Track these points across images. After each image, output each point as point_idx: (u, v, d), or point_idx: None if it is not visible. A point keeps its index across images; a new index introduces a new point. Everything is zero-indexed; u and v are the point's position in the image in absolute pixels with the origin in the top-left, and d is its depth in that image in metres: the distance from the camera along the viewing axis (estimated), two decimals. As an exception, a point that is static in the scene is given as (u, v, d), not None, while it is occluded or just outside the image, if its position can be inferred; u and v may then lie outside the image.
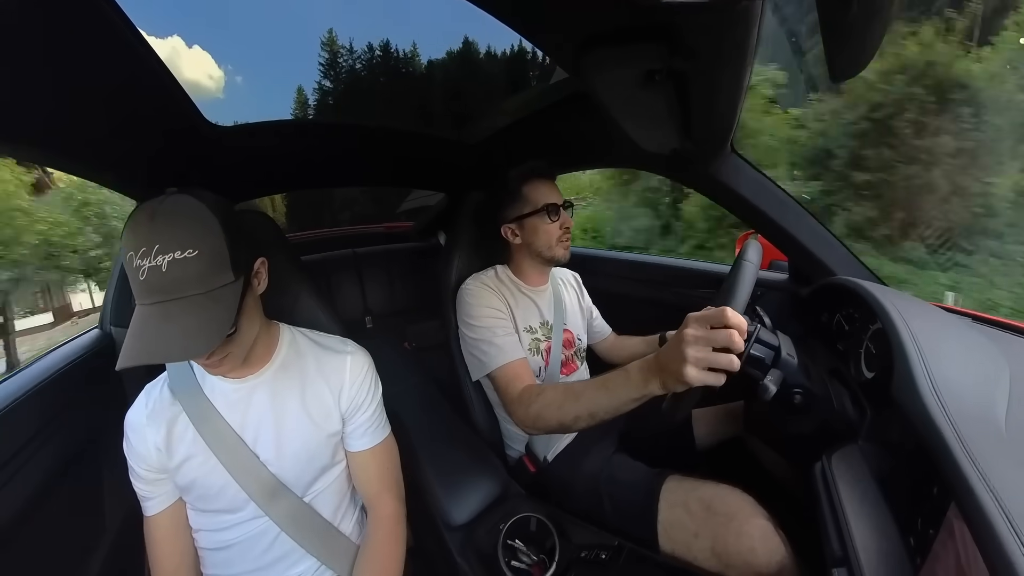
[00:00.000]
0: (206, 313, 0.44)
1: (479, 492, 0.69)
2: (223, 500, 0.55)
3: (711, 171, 0.85)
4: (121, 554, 0.71)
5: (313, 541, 0.59)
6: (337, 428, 0.62)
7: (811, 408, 0.64)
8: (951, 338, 0.56)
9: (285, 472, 0.57)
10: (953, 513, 0.35)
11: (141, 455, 0.54)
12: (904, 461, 0.47)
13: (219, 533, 0.57)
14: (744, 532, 0.57)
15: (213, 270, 0.45)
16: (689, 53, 0.48)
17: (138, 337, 0.42)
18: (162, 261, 0.42)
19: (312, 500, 0.61)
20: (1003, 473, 0.34)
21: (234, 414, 0.56)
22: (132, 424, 0.55)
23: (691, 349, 0.47)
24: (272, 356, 0.59)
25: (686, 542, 0.62)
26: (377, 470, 0.65)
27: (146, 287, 0.43)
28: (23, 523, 0.56)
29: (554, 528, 0.60)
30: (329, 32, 23.27)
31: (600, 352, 1.08)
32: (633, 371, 0.55)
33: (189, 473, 0.54)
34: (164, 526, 0.56)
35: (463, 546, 0.63)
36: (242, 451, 0.55)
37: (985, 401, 0.43)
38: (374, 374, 0.67)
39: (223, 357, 0.49)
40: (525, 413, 0.68)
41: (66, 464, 0.65)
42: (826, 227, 0.87)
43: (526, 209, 0.84)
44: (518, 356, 0.77)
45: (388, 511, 0.64)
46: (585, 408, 0.60)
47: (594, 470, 0.78)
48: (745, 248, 0.65)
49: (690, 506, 0.63)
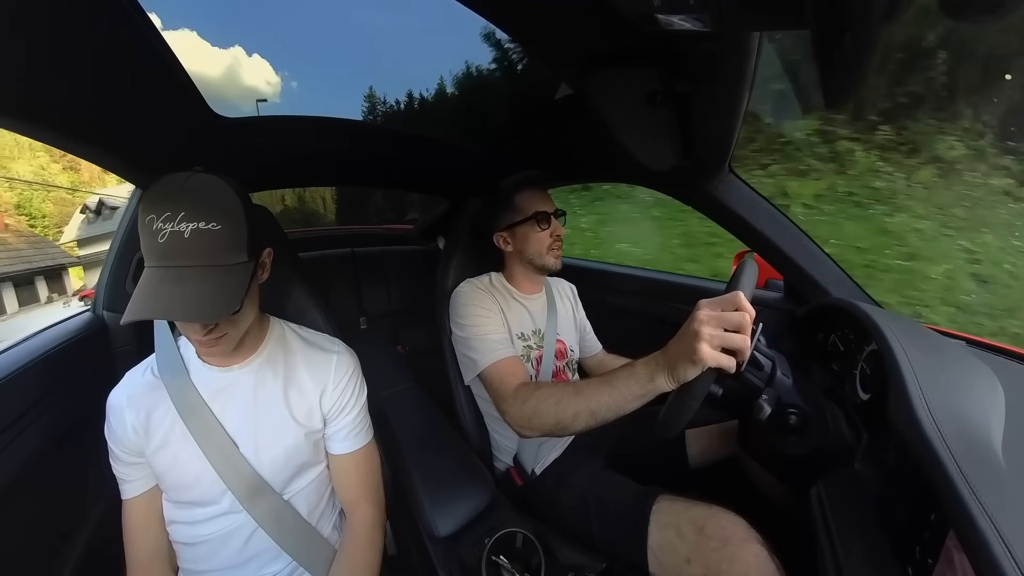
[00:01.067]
0: (220, 283, 0.45)
1: (466, 504, 0.68)
2: (197, 491, 0.54)
3: (709, 189, 0.87)
4: (103, 537, 0.69)
5: (292, 541, 0.58)
6: (318, 427, 0.61)
7: (806, 429, 0.64)
8: (947, 361, 0.56)
9: (262, 467, 0.56)
10: (952, 542, 0.34)
11: (119, 436, 0.54)
12: (901, 485, 0.47)
13: (193, 527, 0.56)
14: (738, 558, 0.55)
15: (231, 247, 0.46)
16: (690, 77, 0.50)
17: (150, 295, 0.43)
18: (185, 228, 0.43)
19: (290, 499, 0.59)
20: (1001, 501, 0.33)
21: (215, 403, 0.56)
22: (112, 405, 0.54)
23: (705, 328, 0.46)
24: (259, 347, 0.59)
25: (677, 567, 0.60)
26: (357, 475, 0.64)
27: (164, 249, 0.43)
28: (7, 502, 0.55)
29: (540, 546, 0.58)
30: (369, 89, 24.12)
31: (588, 368, 1.07)
32: (639, 366, 0.53)
33: (164, 459, 0.54)
34: (140, 511, 0.56)
35: (446, 559, 0.61)
36: (225, 443, 0.54)
37: (981, 426, 0.43)
38: (360, 377, 0.66)
39: (220, 336, 0.50)
40: (520, 411, 0.64)
41: (53, 445, 0.64)
42: (821, 248, 0.88)
43: (517, 217, 0.86)
44: (510, 354, 0.76)
45: (366, 517, 0.63)
46: (585, 405, 0.56)
47: (582, 486, 0.76)
48: (743, 264, 0.65)
49: (682, 529, 0.61)
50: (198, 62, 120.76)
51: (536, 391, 0.64)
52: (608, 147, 0.94)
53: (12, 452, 0.57)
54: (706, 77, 0.50)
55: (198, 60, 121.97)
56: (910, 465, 0.43)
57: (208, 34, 20.11)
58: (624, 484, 0.74)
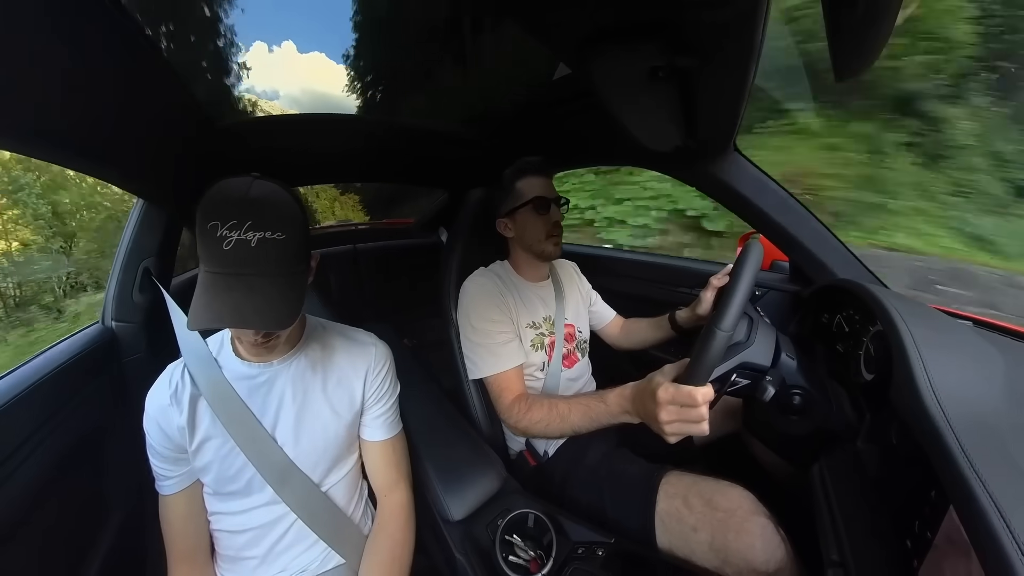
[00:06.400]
0: (285, 291, 0.46)
1: (477, 488, 0.70)
2: (240, 482, 0.56)
3: (714, 170, 0.85)
4: (123, 545, 0.72)
5: (324, 526, 0.60)
6: (356, 417, 0.64)
7: (810, 409, 0.64)
8: (952, 342, 0.55)
9: (302, 458, 0.59)
10: (951, 516, 0.35)
11: (165, 434, 0.55)
12: (902, 463, 0.47)
13: (236, 517, 0.58)
14: (745, 529, 0.57)
15: (294, 256, 0.48)
16: (693, 51, 0.48)
17: (218, 303, 0.44)
18: (252, 236, 0.44)
19: (327, 491, 0.62)
20: (1002, 477, 0.34)
21: (255, 397, 0.57)
22: (157, 403, 0.56)
23: (664, 414, 0.53)
24: (298, 342, 0.61)
25: (684, 535, 0.62)
26: (395, 459, 0.68)
27: (229, 257, 0.44)
28: (26, 517, 0.57)
29: (551, 524, 0.60)
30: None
31: (610, 338, 1.07)
32: (612, 402, 0.63)
33: (207, 454, 0.55)
34: (181, 506, 0.57)
35: (462, 541, 0.63)
36: (258, 432, 0.56)
37: (985, 406, 0.43)
38: (395, 370, 0.69)
39: (275, 338, 0.52)
40: (515, 425, 0.77)
41: (69, 457, 0.65)
42: (828, 228, 0.87)
43: (517, 203, 0.86)
44: (512, 365, 0.80)
45: (404, 499, 0.67)
46: (569, 428, 0.69)
47: (595, 461, 0.79)
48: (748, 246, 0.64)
49: (690, 500, 0.63)
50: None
51: (528, 414, 0.74)
52: (609, 129, 0.92)
53: (29, 467, 0.58)
54: (711, 50, 0.48)
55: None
56: (912, 443, 0.43)
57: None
58: (635, 460, 0.77)
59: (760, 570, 0.55)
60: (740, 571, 0.56)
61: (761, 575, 0.55)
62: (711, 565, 0.58)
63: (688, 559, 0.61)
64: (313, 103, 41.51)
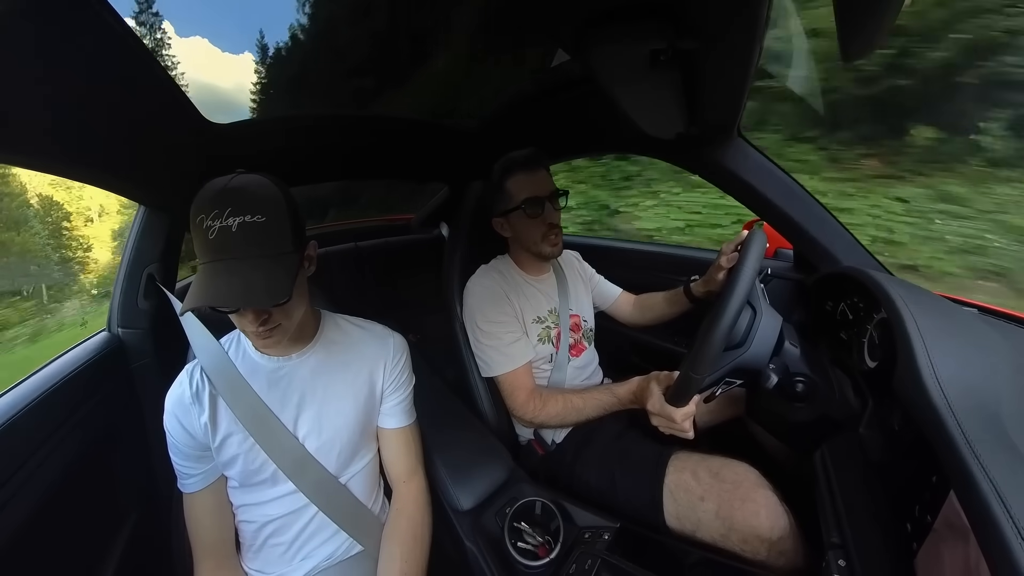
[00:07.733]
0: (269, 272, 0.47)
1: (485, 478, 0.71)
2: (266, 472, 0.58)
3: (717, 156, 0.83)
4: (138, 550, 0.73)
5: (343, 515, 0.62)
6: (375, 408, 0.65)
7: (813, 396, 0.65)
8: (956, 329, 0.55)
9: (324, 448, 0.60)
10: (951, 501, 0.35)
11: (187, 432, 0.56)
12: (904, 450, 0.47)
13: (263, 507, 0.59)
14: (750, 498, 0.58)
15: (276, 237, 0.48)
16: (696, 32, 0.46)
17: (204, 286, 0.45)
18: (232, 222, 0.45)
19: (347, 482, 0.63)
20: (1003, 464, 0.34)
21: (275, 391, 0.58)
22: (179, 403, 0.56)
23: (653, 420, 0.65)
24: (315, 336, 0.62)
25: (691, 504, 0.63)
26: (413, 446, 0.69)
27: (213, 245, 0.45)
28: (40, 524, 0.58)
29: (558, 511, 0.61)
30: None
31: (622, 316, 1.05)
32: (621, 394, 0.73)
33: (231, 449, 0.56)
34: (206, 503, 0.59)
35: (471, 530, 0.65)
36: (274, 425, 0.57)
37: (988, 393, 0.43)
38: (411, 361, 0.71)
39: (274, 328, 0.51)
40: (530, 420, 0.81)
41: (80, 465, 0.66)
42: (833, 215, 0.85)
43: (509, 205, 0.83)
44: (521, 363, 0.81)
45: (422, 485, 0.68)
46: (584, 419, 0.77)
47: (604, 444, 0.80)
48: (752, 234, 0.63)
49: (698, 473, 0.65)
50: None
51: (543, 410, 0.79)
52: (608, 116, 0.90)
53: (42, 476, 0.58)
54: (715, 31, 0.46)
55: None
56: (914, 430, 0.43)
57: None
58: (644, 440, 0.78)
59: (764, 537, 0.56)
60: (745, 538, 0.57)
61: (765, 542, 0.56)
62: (717, 533, 0.59)
63: (694, 530, 0.62)
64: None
